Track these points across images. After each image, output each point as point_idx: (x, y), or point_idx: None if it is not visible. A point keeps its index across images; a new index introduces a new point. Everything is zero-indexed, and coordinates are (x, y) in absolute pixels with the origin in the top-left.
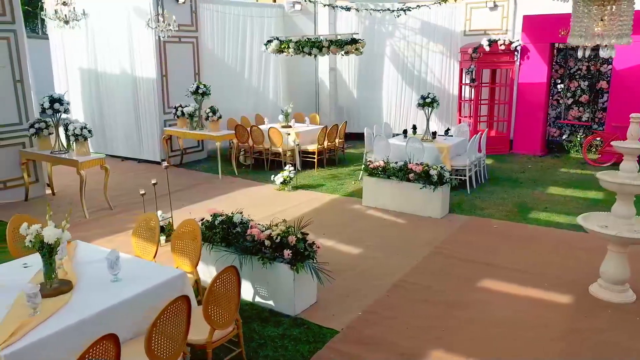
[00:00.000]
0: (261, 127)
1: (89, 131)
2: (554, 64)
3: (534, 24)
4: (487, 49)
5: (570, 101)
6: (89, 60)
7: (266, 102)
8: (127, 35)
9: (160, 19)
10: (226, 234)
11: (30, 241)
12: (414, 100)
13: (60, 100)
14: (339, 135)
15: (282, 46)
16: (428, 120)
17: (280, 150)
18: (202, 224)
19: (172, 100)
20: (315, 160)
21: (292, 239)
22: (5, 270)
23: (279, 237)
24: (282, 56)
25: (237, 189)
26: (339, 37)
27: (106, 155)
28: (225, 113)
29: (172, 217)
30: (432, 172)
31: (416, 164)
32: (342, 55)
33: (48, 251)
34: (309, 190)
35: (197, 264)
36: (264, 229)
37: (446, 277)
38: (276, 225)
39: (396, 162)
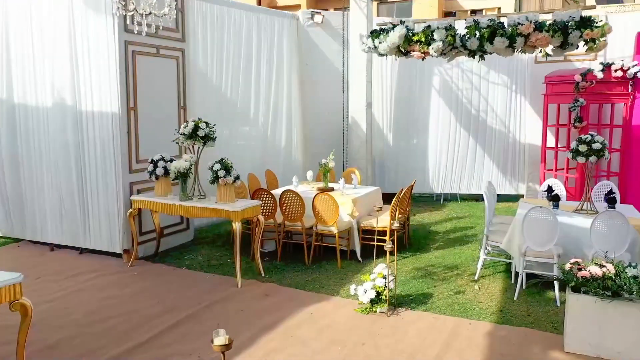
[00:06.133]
0: (295, 190)
1: None
2: None
3: None
4: (600, 75)
5: None
6: (0, 88)
7: (277, 152)
8: (68, 41)
9: None
10: None
11: None
12: (470, 147)
13: None
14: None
15: (415, 38)
16: (589, 177)
17: (335, 230)
18: None
19: (143, 151)
20: (388, 244)
21: None
22: None
23: None
24: (296, 87)
25: (284, 313)
26: (540, 18)
27: (27, 241)
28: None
29: None
30: None
31: None
32: (547, 54)
33: None
34: (417, 311)
35: None
36: None
37: None
38: None
39: (628, 266)
